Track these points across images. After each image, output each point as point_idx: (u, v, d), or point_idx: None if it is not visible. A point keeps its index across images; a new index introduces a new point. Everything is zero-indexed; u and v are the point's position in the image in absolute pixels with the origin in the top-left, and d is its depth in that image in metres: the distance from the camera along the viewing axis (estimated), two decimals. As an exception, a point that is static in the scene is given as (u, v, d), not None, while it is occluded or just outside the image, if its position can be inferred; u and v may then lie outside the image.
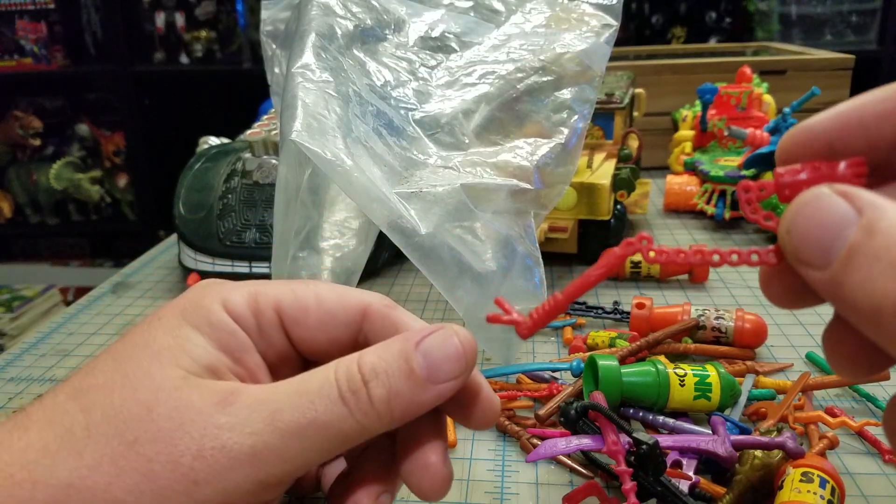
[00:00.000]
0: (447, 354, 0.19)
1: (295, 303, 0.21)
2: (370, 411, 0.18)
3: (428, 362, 0.19)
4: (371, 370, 0.18)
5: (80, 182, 1.93)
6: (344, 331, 0.21)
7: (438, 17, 0.47)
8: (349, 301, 0.21)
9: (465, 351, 0.19)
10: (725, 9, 1.76)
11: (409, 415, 0.19)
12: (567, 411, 0.32)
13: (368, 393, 0.18)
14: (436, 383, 0.19)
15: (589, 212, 0.54)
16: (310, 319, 0.21)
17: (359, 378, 0.18)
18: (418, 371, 0.18)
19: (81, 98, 1.98)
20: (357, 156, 0.37)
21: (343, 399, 0.18)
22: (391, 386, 0.18)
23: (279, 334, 0.21)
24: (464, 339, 0.19)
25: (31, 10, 1.86)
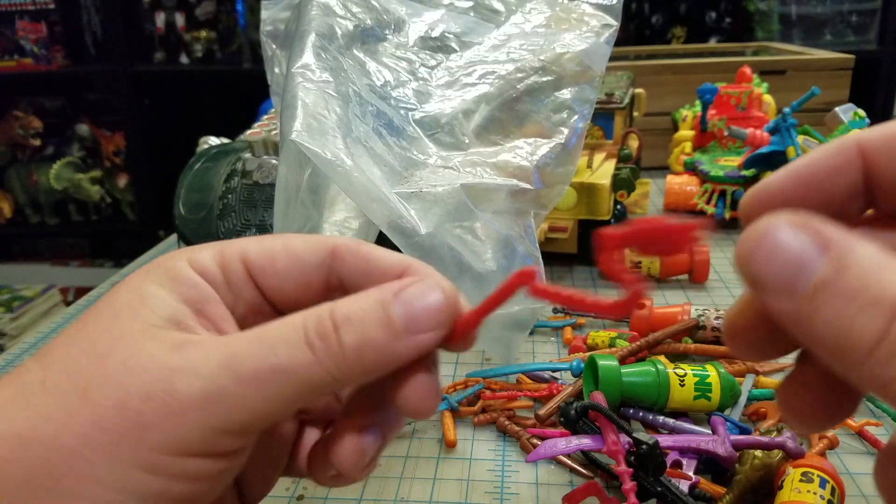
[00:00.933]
0: (428, 304, 0.18)
1: (261, 251, 0.20)
2: (339, 358, 0.17)
3: (407, 310, 0.17)
4: (344, 315, 0.17)
5: (80, 182, 1.93)
6: (314, 274, 0.20)
7: (438, 17, 0.47)
8: (316, 242, 0.20)
9: (448, 301, 0.18)
10: (725, 9, 1.76)
11: (382, 365, 0.17)
12: (567, 411, 0.32)
13: (338, 338, 0.17)
14: (414, 334, 0.17)
15: (589, 212, 0.54)
16: (277, 265, 0.20)
17: (329, 323, 0.17)
18: (396, 319, 0.17)
19: (81, 98, 1.98)
20: (357, 156, 0.37)
21: (309, 344, 0.17)
22: (364, 333, 0.17)
23: (248, 285, 0.20)
24: (447, 290, 0.18)
25: (31, 11, 1.86)
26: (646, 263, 0.54)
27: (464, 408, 0.39)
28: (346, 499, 0.33)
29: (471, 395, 0.39)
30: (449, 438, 0.36)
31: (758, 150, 0.64)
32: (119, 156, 1.97)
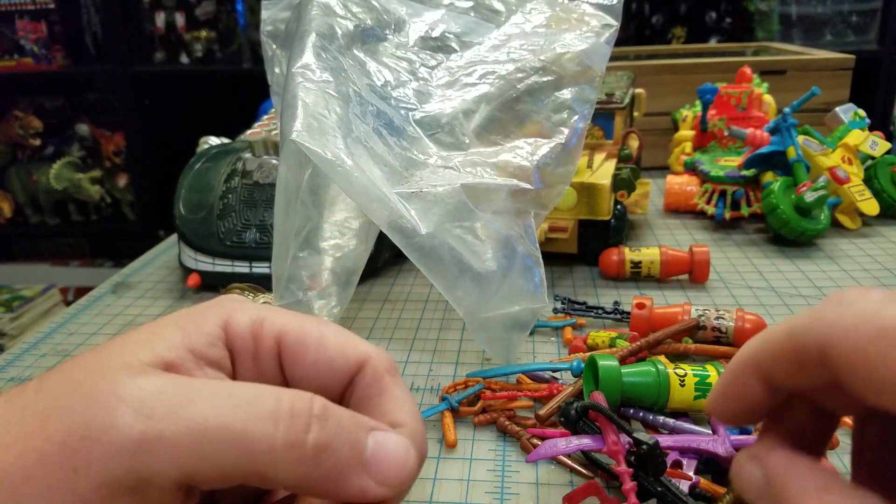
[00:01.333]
0: (397, 460, 0.18)
1: (298, 338, 0.19)
2: (297, 444, 0.16)
3: (374, 450, 0.17)
4: (323, 409, 0.17)
5: (80, 182, 1.93)
6: (337, 380, 0.20)
7: (439, 17, 0.47)
8: (350, 351, 0.20)
9: (409, 471, 0.18)
10: (725, 9, 1.76)
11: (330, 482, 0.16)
12: (567, 411, 0.32)
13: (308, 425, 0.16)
14: (369, 476, 0.17)
15: (589, 212, 0.54)
16: (307, 358, 0.19)
17: (307, 408, 0.16)
18: (364, 450, 0.17)
19: (81, 98, 1.98)
20: (357, 156, 0.37)
21: (274, 417, 0.16)
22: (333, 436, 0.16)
23: (274, 364, 0.19)
24: (412, 461, 0.18)
25: (31, 10, 1.86)
26: (646, 263, 0.54)
27: (464, 408, 0.39)
28: (347, 499, 0.33)
29: (471, 395, 0.39)
30: (449, 438, 0.36)
31: (758, 150, 0.64)
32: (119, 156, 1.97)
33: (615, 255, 0.54)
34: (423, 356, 0.45)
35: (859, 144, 0.65)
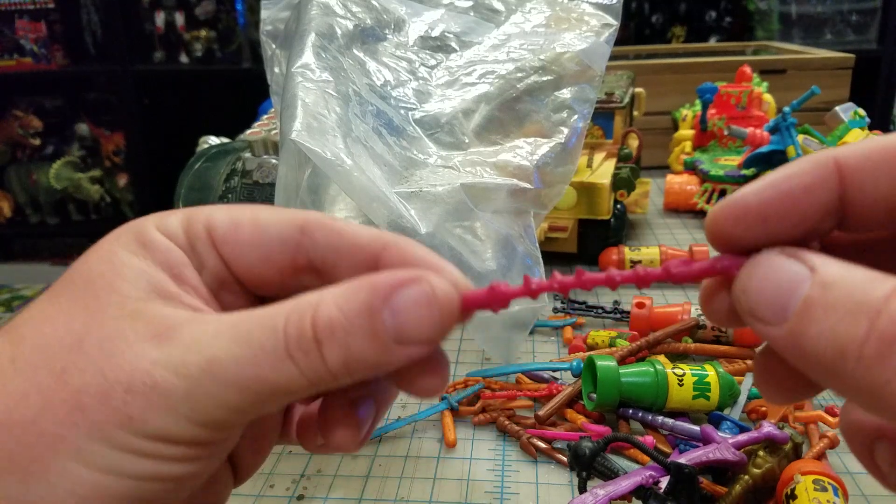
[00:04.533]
0: (421, 315, 0.16)
1: (227, 219, 0.19)
2: (323, 373, 0.16)
3: (398, 322, 0.16)
4: (327, 327, 0.16)
5: (80, 181, 1.93)
6: (279, 250, 0.18)
7: (438, 16, 0.47)
8: (285, 215, 0.19)
9: (444, 310, 0.16)
10: (725, 8, 1.76)
11: (371, 374, 0.16)
12: (579, 451, 0.30)
13: (322, 354, 0.16)
14: (405, 345, 0.16)
15: (589, 211, 0.54)
16: (241, 236, 0.18)
17: (310, 334, 0.16)
18: (385, 332, 0.16)
19: (81, 97, 1.98)
20: (357, 155, 0.37)
21: (291, 357, 0.16)
22: (350, 347, 0.16)
23: (211, 253, 0.19)
24: (443, 296, 0.16)
25: (31, 10, 1.86)
26: (645, 263, 0.54)
27: (464, 407, 0.39)
28: (347, 498, 0.33)
29: (471, 394, 0.39)
30: (449, 438, 0.36)
31: (758, 149, 0.64)
32: (119, 155, 1.97)
33: (615, 254, 0.54)
34: (423, 356, 0.45)
35: (859, 144, 0.65)
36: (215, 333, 0.16)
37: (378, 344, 0.16)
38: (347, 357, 0.16)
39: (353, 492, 0.33)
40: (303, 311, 0.16)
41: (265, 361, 0.16)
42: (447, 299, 0.16)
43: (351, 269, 0.18)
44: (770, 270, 0.15)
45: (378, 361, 0.16)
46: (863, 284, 0.14)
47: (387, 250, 0.18)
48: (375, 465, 0.35)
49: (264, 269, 0.19)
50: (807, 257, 0.15)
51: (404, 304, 0.16)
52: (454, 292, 0.17)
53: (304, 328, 0.16)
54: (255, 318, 0.16)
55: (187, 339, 0.16)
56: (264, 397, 0.16)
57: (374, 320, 0.16)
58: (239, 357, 0.16)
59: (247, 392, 0.16)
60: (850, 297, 0.14)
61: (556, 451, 0.35)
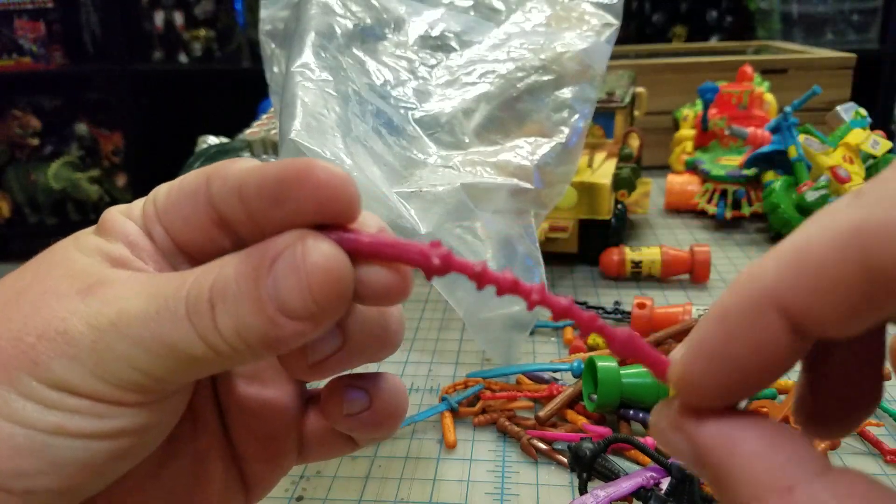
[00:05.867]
0: (302, 281, 0.14)
1: (165, 188, 0.18)
2: (219, 341, 0.15)
3: (278, 290, 0.14)
4: (220, 290, 0.15)
5: (79, 181, 1.93)
6: (191, 204, 0.17)
7: (438, 15, 0.47)
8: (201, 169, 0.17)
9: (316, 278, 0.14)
10: (726, 7, 1.76)
11: (278, 349, 0.15)
12: (579, 452, 0.30)
13: (214, 318, 0.15)
14: (292, 318, 0.14)
15: (590, 211, 0.54)
16: (170, 199, 0.18)
17: (206, 297, 0.15)
18: (268, 301, 0.14)
19: (80, 97, 1.98)
20: (357, 155, 0.37)
21: (189, 319, 0.15)
22: (239, 314, 0.15)
23: (156, 225, 0.18)
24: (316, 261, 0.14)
25: (30, 10, 1.86)
26: (646, 263, 0.54)
27: (464, 408, 0.39)
28: (346, 499, 0.33)
29: (471, 395, 0.39)
30: (449, 439, 0.36)
31: (759, 149, 0.64)
32: (118, 155, 1.96)
33: (616, 254, 0.54)
34: (423, 356, 0.45)
35: (861, 143, 0.65)
36: (135, 289, 0.16)
37: (263, 314, 0.15)
38: (238, 325, 0.15)
39: (352, 493, 0.33)
40: (208, 270, 0.15)
41: (167, 320, 0.15)
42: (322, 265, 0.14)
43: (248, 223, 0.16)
44: (663, 437, 0.15)
45: (268, 334, 0.15)
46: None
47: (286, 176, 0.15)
48: (375, 466, 0.35)
49: (189, 231, 0.17)
50: (692, 435, 0.14)
51: (282, 272, 0.15)
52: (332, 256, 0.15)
53: (202, 289, 0.15)
54: (174, 276, 0.16)
55: (111, 293, 0.16)
56: (171, 362, 0.15)
57: (257, 287, 0.15)
58: (145, 312, 0.15)
59: (152, 353, 0.15)
60: None
61: (556, 452, 0.35)
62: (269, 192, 0.15)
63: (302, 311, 0.14)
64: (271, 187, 0.15)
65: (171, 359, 0.15)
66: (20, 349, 0.15)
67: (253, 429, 0.20)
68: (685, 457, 0.14)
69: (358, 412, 0.19)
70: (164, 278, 0.16)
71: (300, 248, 0.15)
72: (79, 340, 0.15)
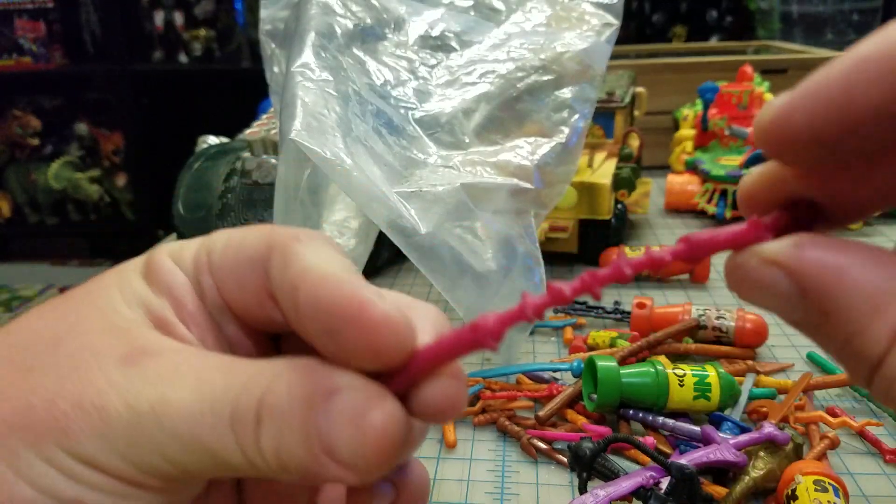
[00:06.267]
0: (351, 435, 0.14)
1: (223, 240, 0.17)
2: (258, 458, 0.14)
3: (330, 433, 0.14)
4: (270, 406, 0.14)
5: (79, 181, 1.93)
6: (249, 268, 0.16)
7: (438, 15, 0.47)
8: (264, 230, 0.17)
9: (380, 439, 0.14)
10: (726, 7, 1.76)
11: (314, 483, 0.15)
12: (579, 451, 0.30)
13: (258, 435, 0.14)
14: (335, 461, 0.14)
15: (590, 211, 0.54)
16: (226, 256, 0.17)
17: (254, 410, 0.14)
18: (315, 438, 0.14)
19: (80, 97, 1.98)
20: (357, 155, 0.37)
21: (233, 426, 0.14)
22: (284, 439, 0.14)
23: (208, 278, 0.17)
24: (379, 422, 0.14)
25: (30, 9, 1.86)
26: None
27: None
28: (346, 500, 0.33)
29: (471, 395, 0.39)
30: (449, 439, 0.36)
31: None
32: (118, 155, 1.97)
33: (616, 254, 0.54)
34: (423, 356, 0.45)
35: (860, 143, 0.65)
36: (181, 370, 0.15)
37: (310, 449, 0.14)
38: (281, 449, 0.14)
39: (352, 493, 0.33)
40: (260, 375, 0.15)
41: (209, 423, 0.14)
42: (380, 427, 0.14)
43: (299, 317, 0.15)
44: (758, 283, 0.13)
45: (309, 469, 0.14)
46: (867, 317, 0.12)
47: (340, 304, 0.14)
48: (375, 466, 0.35)
49: (241, 294, 0.17)
50: (796, 268, 0.13)
51: (338, 418, 0.14)
52: (391, 419, 0.14)
53: (252, 399, 0.14)
54: (224, 367, 0.15)
55: (154, 369, 0.15)
56: (205, 463, 0.15)
57: (308, 420, 0.14)
58: (188, 408, 0.14)
59: (188, 451, 0.15)
60: (848, 341, 0.12)
61: (556, 451, 0.35)
62: (324, 322, 0.14)
63: (349, 462, 0.14)
64: (325, 318, 0.14)
65: (206, 460, 0.15)
66: (52, 415, 0.15)
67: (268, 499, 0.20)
68: (782, 291, 0.13)
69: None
70: (213, 366, 0.15)
71: (362, 399, 0.14)
72: (114, 420, 0.15)
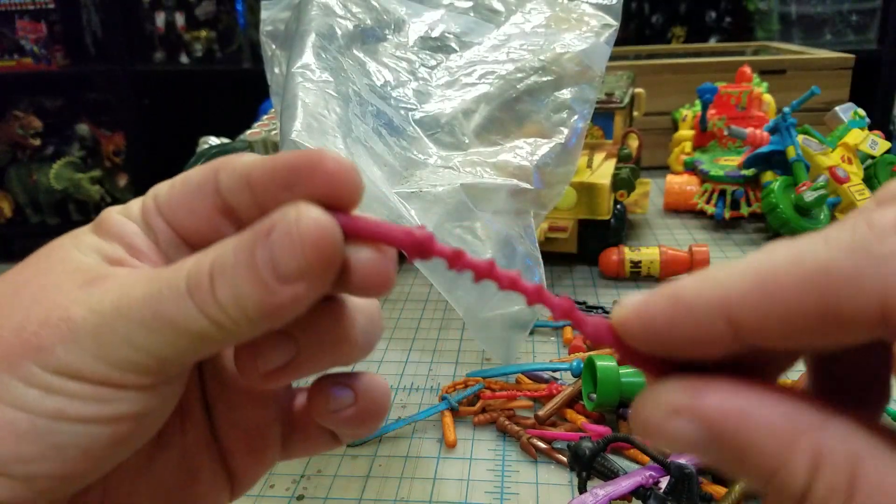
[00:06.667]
0: (294, 242, 0.15)
1: (167, 184, 0.19)
2: (219, 312, 0.15)
3: (272, 255, 0.15)
4: (219, 264, 0.16)
5: (81, 182, 1.93)
6: (199, 195, 0.18)
7: (438, 17, 0.47)
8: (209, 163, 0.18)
9: (309, 240, 0.15)
10: (725, 8, 1.76)
11: (274, 318, 0.16)
12: (579, 451, 0.30)
13: (213, 291, 0.15)
14: (286, 282, 0.15)
15: (589, 211, 0.54)
16: (173, 193, 0.18)
17: (206, 271, 0.16)
18: (263, 267, 0.15)
19: (81, 98, 1.98)
20: (357, 155, 0.37)
21: (190, 293, 0.16)
22: (237, 284, 0.15)
23: (158, 220, 0.19)
24: (307, 224, 0.15)
25: (32, 10, 1.86)
26: (645, 263, 0.54)
27: (464, 408, 0.39)
28: (346, 498, 0.33)
29: (471, 395, 0.39)
30: (449, 438, 0.36)
31: (758, 149, 0.64)
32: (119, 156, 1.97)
33: (615, 254, 0.54)
34: (423, 356, 0.45)
35: (859, 144, 0.65)
36: (136, 277, 0.16)
37: (259, 280, 0.15)
38: (236, 295, 0.15)
39: (352, 492, 0.33)
40: (209, 250, 0.16)
41: (168, 298, 0.16)
42: (314, 227, 0.15)
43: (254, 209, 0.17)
44: (667, 433, 0.14)
45: (264, 301, 0.15)
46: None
47: (297, 174, 0.16)
48: (375, 465, 0.35)
49: (195, 222, 0.18)
50: (704, 413, 0.13)
51: (277, 237, 0.15)
52: (324, 220, 0.15)
53: (203, 266, 0.16)
54: (174, 264, 0.16)
55: (112, 280, 0.16)
56: (173, 339, 0.16)
57: (253, 255, 0.15)
58: (147, 294, 0.16)
59: (155, 332, 0.16)
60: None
61: (556, 451, 0.35)
62: (281, 179, 0.16)
63: (295, 273, 0.15)
64: (282, 174, 0.16)
65: (173, 336, 0.16)
66: (22, 338, 0.16)
67: (238, 422, 0.20)
68: (691, 440, 0.13)
69: (343, 409, 0.19)
70: (166, 269, 0.16)
71: (293, 213, 0.15)
72: (81, 325, 0.16)
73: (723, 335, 0.13)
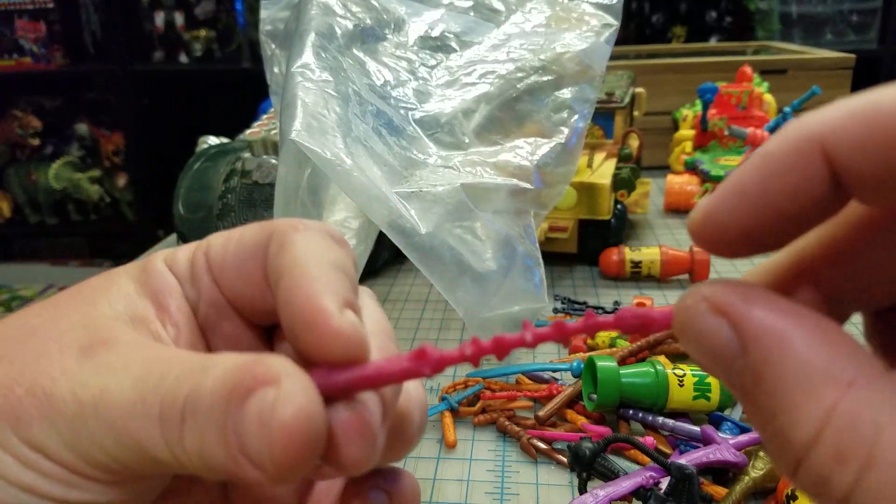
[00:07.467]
0: (261, 431, 0.13)
1: (222, 239, 0.18)
2: (184, 455, 0.14)
3: (241, 432, 0.13)
4: (192, 403, 0.14)
5: (80, 182, 1.93)
6: (249, 257, 0.17)
7: (438, 16, 0.47)
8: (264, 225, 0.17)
9: (289, 434, 0.13)
10: (726, 8, 1.76)
11: (240, 480, 0.14)
12: (579, 451, 0.30)
13: (182, 431, 0.14)
14: (254, 466, 0.13)
15: (589, 211, 0.54)
16: (227, 252, 0.17)
17: (179, 406, 0.14)
18: (231, 437, 0.13)
19: (80, 97, 1.98)
20: (357, 155, 0.37)
21: (161, 421, 0.14)
22: (205, 438, 0.14)
23: (206, 277, 0.18)
24: (289, 420, 0.13)
25: (31, 10, 1.86)
26: (646, 263, 0.54)
27: (464, 408, 0.39)
28: (346, 499, 0.33)
29: (471, 395, 0.39)
30: (449, 439, 0.36)
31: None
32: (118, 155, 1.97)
33: (615, 254, 0.54)
34: (423, 356, 0.45)
35: (860, 144, 0.65)
36: (128, 364, 0.15)
37: (227, 449, 0.13)
38: (202, 449, 0.14)
39: (352, 493, 0.33)
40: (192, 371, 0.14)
41: (140, 416, 0.14)
42: (291, 420, 0.13)
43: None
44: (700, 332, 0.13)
45: (228, 468, 0.14)
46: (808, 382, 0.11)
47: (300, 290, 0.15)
48: (375, 465, 0.35)
49: (242, 285, 0.17)
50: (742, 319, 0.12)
51: (248, 417, 0.13)
52: (304, 411, 0.13)
53: (178, 396, 0.14)
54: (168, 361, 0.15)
55: (105, 360, 0.15)
56: (138, 457, 0.14)
57: (226, 417, 0.13)
58: (124, 400, 0.14)
59: (122, 445, 0.14)
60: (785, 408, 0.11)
61: (556, 451, 0.35)
62: (287, 320, 0.15)
63: (258, 462, 0.13)
64: (288, 316, 0.15)
65: (138, 455, 0.15)
66: (8, 400, 0.15)
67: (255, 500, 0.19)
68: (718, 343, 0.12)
69: None
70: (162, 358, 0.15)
71: (272, 395, 0.13)
72: (61, 408, 0.15)
73: (819, 177, 0.12)
